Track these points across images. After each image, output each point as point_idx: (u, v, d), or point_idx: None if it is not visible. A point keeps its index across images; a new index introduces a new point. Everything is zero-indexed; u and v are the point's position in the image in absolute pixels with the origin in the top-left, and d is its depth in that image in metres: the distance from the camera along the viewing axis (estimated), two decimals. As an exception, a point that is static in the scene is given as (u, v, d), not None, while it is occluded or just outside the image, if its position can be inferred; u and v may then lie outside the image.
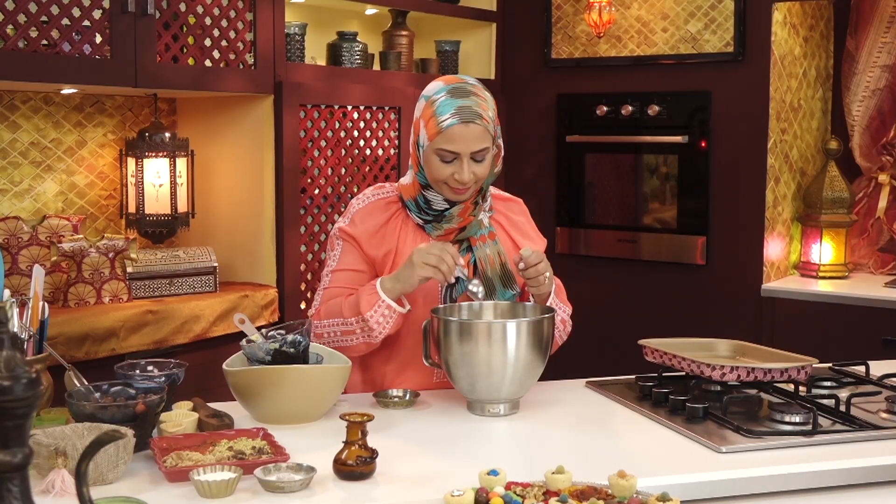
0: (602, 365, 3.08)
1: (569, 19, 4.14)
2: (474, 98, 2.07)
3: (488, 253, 2.16)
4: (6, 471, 1.03)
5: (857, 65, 3.90)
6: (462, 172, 2.05)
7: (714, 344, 2.28)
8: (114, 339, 2.82)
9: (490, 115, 2.08)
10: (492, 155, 2.11)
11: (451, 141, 2.04)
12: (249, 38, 3.22)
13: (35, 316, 1.91)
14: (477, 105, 2.06)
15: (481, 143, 2.05)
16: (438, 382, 2.18)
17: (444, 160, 2.06)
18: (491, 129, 2.08)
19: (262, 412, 1.91)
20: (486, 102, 2.09)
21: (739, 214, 3.80)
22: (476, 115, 2.04)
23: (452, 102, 2.05)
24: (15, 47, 2.62)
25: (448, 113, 2.04)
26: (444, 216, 2.14)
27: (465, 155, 2.05)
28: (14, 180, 3.08)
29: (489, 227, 2.20)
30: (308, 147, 3.40)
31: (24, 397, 1.02)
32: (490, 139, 2.08)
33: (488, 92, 2.14)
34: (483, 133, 2.05)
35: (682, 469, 1.68)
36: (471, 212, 2.15)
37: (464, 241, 2.17)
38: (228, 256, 3.40)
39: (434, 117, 2.06)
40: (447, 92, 2.07)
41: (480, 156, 2.06)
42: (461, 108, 2.04)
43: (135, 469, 1.63)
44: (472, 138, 2.04)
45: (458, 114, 2.04)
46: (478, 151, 2.05)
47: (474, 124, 2.04)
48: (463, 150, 2.04)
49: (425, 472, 1.65)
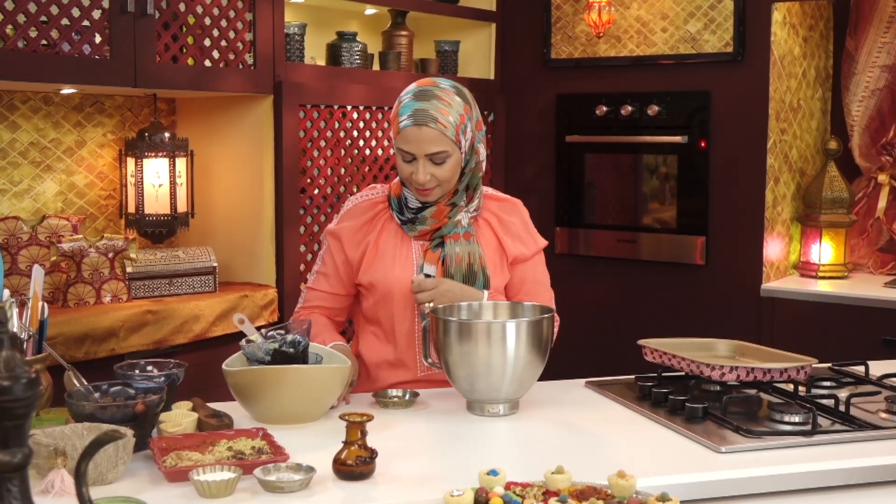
0: (601, 365, 3.08)
1: (568, 19, 4.14)
2: (435, 102, 2.12)
3: (457, 251, 2.20)
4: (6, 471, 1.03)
5: (857, 65, 3.90)
6: (418, 173, 2.12)
7: (713, 344, 2.28)
8: (113, 339, 2.82)
9: (450, 119, 2.12)
10: (457, 158, 2.15)
11: (407, 142, 2.12)
12: (249, 38, 3.22)
13: (34, 316, 1.90)
14: (435, 109, 2.11)
15: (436, 147, 2.11)
16: (423, 377, 2.21)
17: (404, 160, 2.15)
18: (450, 133, 2.11)
19: (262, 412, 1.91)
20: (450, 108, 2.13)
21: (739, 214, 3.80)
22: (430, 118, 2.10)
23: (412, 105, 2.13)
24: (14, 47, 2.62)
25: (405, 115, 2.13)
26: (418, 218, 2.20)
27: (420, 156, 2.12)
28: (13, 180, 3.08)
29: (466, 227, 2.23)
30: (308, 147, 3.40)
31: (24, 397, 1.02)
32: (449, 143, 2.12)
33: (462, 98, 2.17)
34: (438, 136, 2.10)
35: (681, 469, 1.68)
36: (446, 213, 2.21)
37: (436, 238, 2.22)
38: (228, 256, 3.40)
39: (396, 117, 2.16)
40: (412, 94, 2.15)
41: (439, 158, 2.12)
42: (417, 111, 2.11)
43: (134, 469, 1.63)
44: (426, 140, 2.10)
45: (413, 116, 2.11)
46: (435, 154, 2.11)
47: (427, 127, 2.10)
48: (417, 151, 2.11)
49: (425, 472, 1.65)
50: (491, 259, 2.24)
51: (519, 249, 2.28)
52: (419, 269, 2.20)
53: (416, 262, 2.21)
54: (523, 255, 2.29)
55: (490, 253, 2.25)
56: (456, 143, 2.14)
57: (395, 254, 2.23)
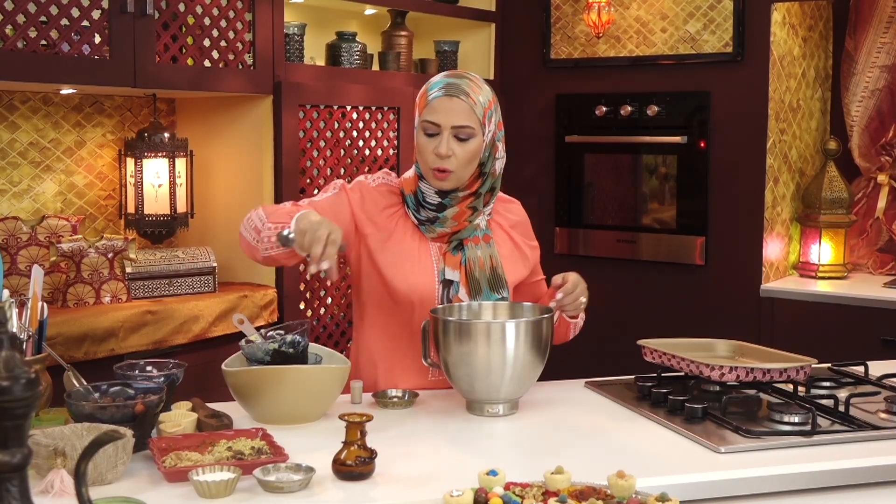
0: (601, 365, 3.08)
1: (568, 19, 4.15)
2: (466, 80, 2.13)
3: (479, 255, 2.16)
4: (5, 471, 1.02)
5: (856, 65, 3.90)
6: (441, 145, 2.07)
7: (713, 344, 2.28)
8: (113, 339, 2.82)
9: (480, 99, 2.11)
10: (479, 141, 2.11)
11: (434, 112, 2.09)
12: (248, 39, 3.22)
13: (34, 316, 1.91)
14: (467, 86, 2.11)
15: (464, 120, 2.08)
16: (434, 381, 2.18)
17: (428, 132, 2.10)
18: (478, 111, 2.10)
19: (261, 412, 1.91)
20: (480, 89, 2.13)
21: (738, 215, 3.80)
22: (462, 91, 2.09)
23: (444, 80, 2.13)
24: (14, 47, 2.62)
25: (436, 88, 2.12)
26: (438, 218, 2.15)
27: (446, 128, 2.08)
28: (13, 180, 3.08)
29: (485, 230, 2.19)
30: (307, 147, 3.40)
31: (23, 397, 1.02)
32: (476, 121, 2.09)
33: (490, 90, 2.17)
34: (467, 110, 2.08)
35: (681, 469, 1.68)
36: (467, 217, 2.16)
37: (454, 240, 2.17)
38: (227, 257, 3.40)
39: (425, 94, 2.14)
40: (444, 74, 2.16)
41: (464, 133, 2.09)
42: (448, 84, 2.11)
43: (134, 469, 1.63)
44: (455, 111, 2.08)
45: (444, 88, 2.10)
46: (460, 128, 2.08)
47: (458, 98, 2.08)
48: (444, 121, 2.08)
49: (424, 472, 1.65)
50: (506, 258, 2.22)
51: (533, 250, 2.30)
52: (440, 273, 2.15)
53: (436, 267, 2.16)
54: (536, 257, 2.31)
55: (504, 252, 2.22)
56: (481, 125, 2.11)
57: (414, 258, 2.15)
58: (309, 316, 3.43)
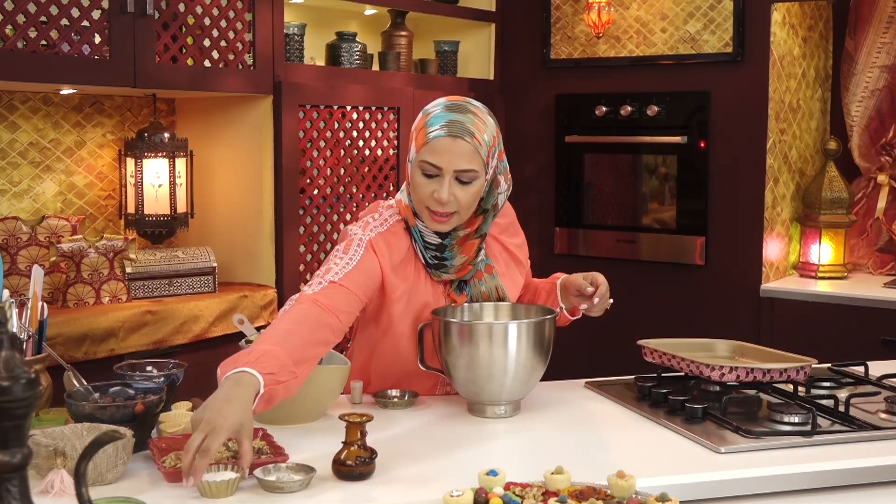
0: (601, 365, 3.08)
1: (568, 20, 4.15)
2: (471, 117, 1.95)
3: (483, 290, 2.09)
4: (5, 471, 1.02)
5: (856, 65, 3.90)
6: (442, 190, 1.91)
7: (713, 344, 2.28)
8: (113, 339, 2.82)
9: (485, 138, 1.95)
10: (481, 183, 1.97)
11: (436, 153, 1.92)
12: (248, 39, 3.22)
13: (34, 316, 1.91)
14: (471, 123, 1.94)
15: (468, 163, 1.92)
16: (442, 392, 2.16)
17: (426, 174, 1.94)
18: (482, 152, 1.94)
19: (262, 413, 1.90)
20: (485, 125, 1.96)
21: (738, 215, 3.80)
22: (467, 132, 1.92)
23: (445, 115, 1.95)
24: (14, 48, 2.62)
25: (437, 125, 1.94)
26: (445, 266, 2.04)
27: (447, 172, 1.92)
28: (13, 181, 3.08)
29: (486, 260, 2.11)
30: (307, 147, 3.40)
31: (24, 397, 1.02)
32: (480, 163, 1.94)
33: (493, 119, 2.02)
34: (471, 152, 1.92)
35: (681, 469, 1.68)
36: (472, 260, 2.06)
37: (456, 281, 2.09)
38: (227, 257, 3.40)
39: (424, 128, 1.96)
40: (444, 106, 1.97)
41: (467, 177, 1.93)
42: (452, 122, 1.93)
43: (134, 469, 1.63)
44: (458, 154, 1.91)
45: (448, 126, 1.92)
46: (463, 171, 1.92)
47: (463, 140, 1.91)
48: (446, 165, 1.92)
49: (424, 472, 1.65)
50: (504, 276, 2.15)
51: (521, 248, 2.24)
52: None
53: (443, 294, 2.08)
54: (525, 254, 2.26)
55: (502, 269, 2.15)
56: (485, 166, 1.95)
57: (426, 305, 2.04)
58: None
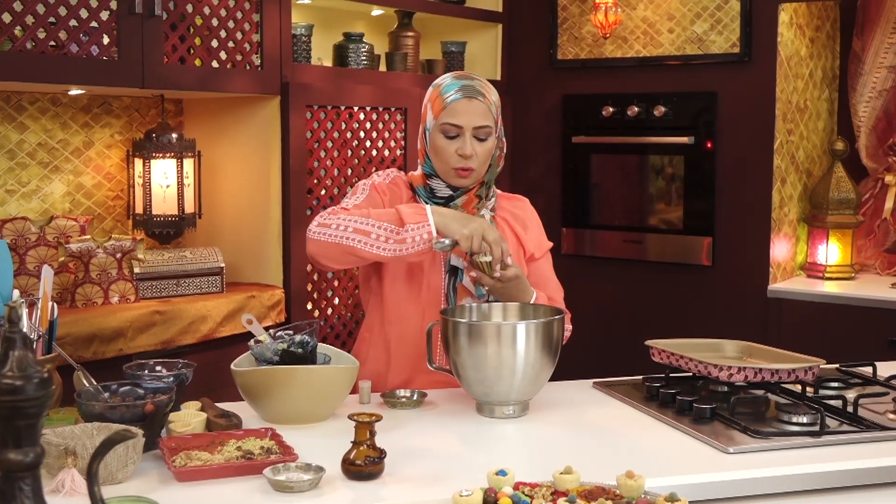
0: (609, 365, 3.08)
1: (575, 20, 4.15)
2: (478, 81, 2.20)
3: None
4: (18, 470, 1.03)
5: (864, 65, 3.90)
6: (465, 146, 2.13)
7: (721, 345, 2.28)
8: (121, 339, 2.83)
9: (493, 98, 2.19)
10: (494, 138, 2.19)
11: (455, 114, 2.14)
12: (256, 40, 3.23)
13: (44, 316, 1.91)
14: (481, 86, 2.18)
15: (484, 120, 2.15)
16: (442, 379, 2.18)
17: (448, 135, 2.15)
18: (494, 111, 2.18)
19: (271, 412, 1.91)
20: (490, 90, 2.20)
21: (745, 215, 3.79)
22: (479, 93, 2.16)
23: (457, 82, 2.18)
24: (23, 48, 2.63)
25: (453, 90, 2.16)
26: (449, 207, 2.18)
27: (468, 129, 2.14)
28: (22, 181, 3.09)
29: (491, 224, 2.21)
30: (314, 148, 3.40)
31: (36, 397, 1.03)
32: (493, 120, 2.17)
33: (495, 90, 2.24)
34: (486, 111, 2.15)
35: (689, 469, 1.69)
36: (474, 204, 2.22)
37: None
38: (235, 257, 3.41)
39: (440, 96, 2.18)
40: (454, 76, 2.21)
41: (483, 133, 2.15)
42: (465, 86, 2.16)
43: (143, 469, 1.64)
44: (476, 113, 2.14)
45: (463, 90, 2.15)
46: (480, 128, 2.15)
47: (477, 100, 2.15)
48: (466, 123, 2.14)
49: (433, 472, 1.66)
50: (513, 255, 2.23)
51: (536, 245, 2.31)
52: (446, 263, 2.18)
53: (442, 259, 2.19)
54: (540, 250, 2.32)
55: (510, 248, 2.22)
56: (496, 123, 2.19)
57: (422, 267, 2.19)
58: (316, 316, 3.43)
